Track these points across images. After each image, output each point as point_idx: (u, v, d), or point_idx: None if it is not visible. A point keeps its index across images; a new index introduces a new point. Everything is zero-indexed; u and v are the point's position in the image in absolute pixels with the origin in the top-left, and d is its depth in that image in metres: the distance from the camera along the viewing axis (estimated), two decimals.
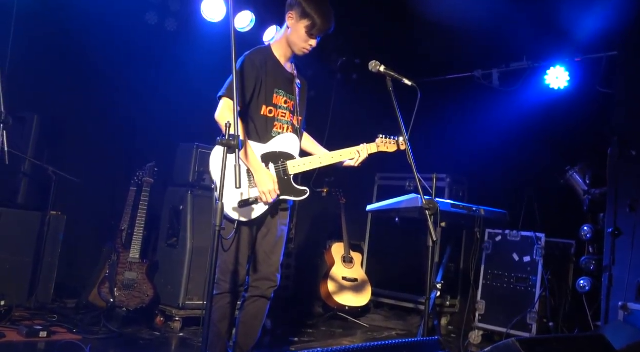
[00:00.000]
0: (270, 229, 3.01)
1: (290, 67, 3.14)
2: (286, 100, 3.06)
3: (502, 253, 5.02)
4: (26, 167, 4.50)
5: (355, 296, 5.52)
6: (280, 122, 3.03)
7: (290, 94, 3.08)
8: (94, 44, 4.83)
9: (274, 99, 3.01)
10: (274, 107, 3.01)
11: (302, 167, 3.01)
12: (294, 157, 3.02)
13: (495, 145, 5.61)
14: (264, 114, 2.98)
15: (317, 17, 2.93)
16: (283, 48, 3.07)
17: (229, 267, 2.91)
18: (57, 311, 4.37)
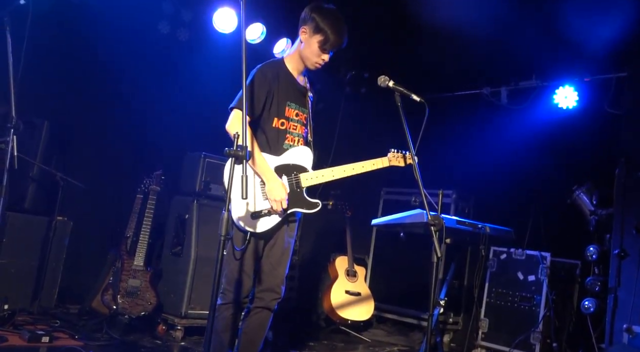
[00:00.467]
0: (277, 241, 3.01)
1: (303, 80, 3.16)
2: (298, 113, 3.08)
3: (506, 271, 5.01)
4: (34, 172, 4.51)
5: (357, 310, 5.49)
6: (291, 134, 3.05)
7: (302, 107, 3.10)
8: (105, 51, 4.87)
9: (286, 111, 3.03)
10: (286, 120, 3.03)
11: (315, 180, 3.02)
12: (307, 170, 3.03)
13: (502, 163, 5.60)
14: (276, 126, 3.00)
15: (331, 33, 2.96)
16: (296, 61, 3.10)
17: (235, 277, 2.91)
18: (60, 316, 4.36)
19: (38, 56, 4.57)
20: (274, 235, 3.00)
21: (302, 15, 3.08)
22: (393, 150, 3.17)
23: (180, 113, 5.31)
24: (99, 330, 4.10)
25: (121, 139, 5.18)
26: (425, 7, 4.88)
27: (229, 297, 2.91)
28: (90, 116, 5.04)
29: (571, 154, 5.23)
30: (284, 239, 3.03)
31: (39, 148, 4.53)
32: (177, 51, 5.42)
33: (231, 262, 2.91)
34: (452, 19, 4.88)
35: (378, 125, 6.47)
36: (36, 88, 4.57)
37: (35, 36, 4.47)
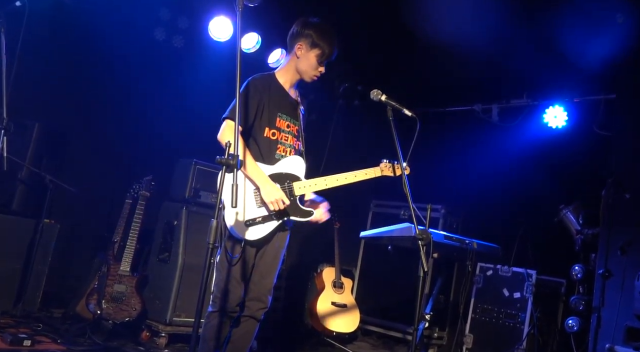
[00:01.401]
0: (267, 250, 3.02)
1: (295, 93, 3.20)
2: (289, 125, 3.11)
3: (492, 288, 5.02)
4: (23, 174, 4.48)
5: (343, 322, 5.48)
6: (283, 145, 3.08)
7: (294, 118, 3.13)
8: (100, 55, 4.89)
9: (277, 122, 3.06)
10: (277, 130, 3.06)
11: (308, 188, 3.05)
12: (300, 179, 3.05)
13: (491, 179, 5.62)
14: (267, 136, 3.03)
15: (327, 46, 3.04)
16: (289, 75, 3.14)
17: (226, 285, 2.90)
18: (43, 320, 4.33)
19: (32, 58, 4.56)
20: (265, 245, 3.00)
21: (294, 31, 3.14)
22: (385, 161, 3.19)
23: (173, 119, 5.30)
24: (82, 335, 4.07)
25: (113, 143, 5.16)
26: (421, 24, 4.94)
27: (219, 305, 2.91)
28: (83, 119, 5.04)
29: (559, 173, 5.26)
30: (274, 249, 3.04)
31: (29, 150, 4.51)
32: (172, 58, 5.43)
33: (222, 270, 2.91)
34: (446, 36, 4.92)
35: (370, 137, 6.48)
36: (29, 90, 4.55)
37: (29, 38, 4.45)
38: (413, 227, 2.93)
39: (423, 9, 4.72)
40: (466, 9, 4.69)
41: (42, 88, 4.76)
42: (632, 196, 4.35)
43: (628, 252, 4.24)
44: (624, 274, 4.22)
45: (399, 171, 3.16)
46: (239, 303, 2.96)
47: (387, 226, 4.35)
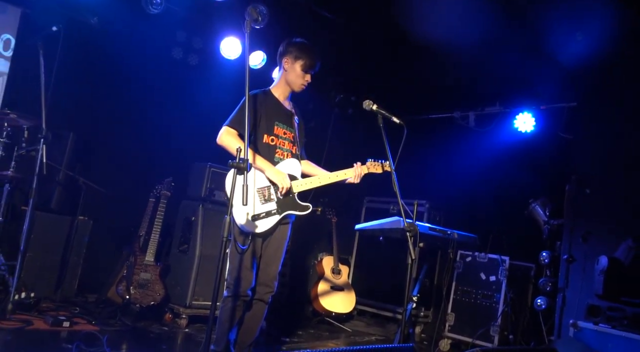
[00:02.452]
0: (271, 242, 3.06)
1: (289, 105, 3.25)
2: (285, 132, 3.16)
3: (471, 272, 5.01)
4: (60, 177, 4.53)
5: (341, 303, 5.51)
6: (281, 149, 3.13)
7: (289, 126, 3.18)
8: (125, 72, 4.92)
9: (275, 129, 3.11)
10: (275, 137, 3.11)
11: (304, 186, 3.09)
12: (296, 178, 3.09)
13: (470, 178, 5.62)
14: (267, 142, 3.08)
15: (308, 57, 3.11)
16: (281, 88, 3.20)
17: (238, 272, 2.95)
18: (79, 304, 4.38)
19: (66, 76, 4.62)
20: (269, 236, 3.04)
21: (280, 50, 3.21)
22: (371, 160, 3.25)
23: (189, 127, 5.33)
24: (113, 317, 4.11)
25: (137, 149, 5.19)
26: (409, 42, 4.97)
27: (232, 290, 2.95)
28: (111, 129, 5.07)
29: (529, 171, 5.26)
30: (277, 240, 3.07)
31: (65, 156, 4.55)
32: (187, 74, 5.47)
33: (234, 259, 2.95)
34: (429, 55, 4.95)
35: (363, 142, 6.51)
36: (64, 104, 4.60)
37: (64, 59, 4.51)
38: (402, 220, 2.97)
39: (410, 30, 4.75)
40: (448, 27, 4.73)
41: (75, 102, 4.80)
42: (591, 191, 4.39)
43: (588, 240, 4.28)
44: (585, 259, 4.25)
45: (385, 168, 3.23)
46: (250, 288, 2.99)
47: (378, 219, 4.33)
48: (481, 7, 4.32)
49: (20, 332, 3.43)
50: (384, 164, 3.22)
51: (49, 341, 3.39)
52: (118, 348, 3.46)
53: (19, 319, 3.59)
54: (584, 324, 3.57)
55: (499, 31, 4.60)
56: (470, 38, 4.68)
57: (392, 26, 4.96)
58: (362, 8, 5.03)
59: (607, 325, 3.45)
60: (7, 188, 3.94)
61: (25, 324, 3.55)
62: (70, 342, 3.32)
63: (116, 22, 4.84)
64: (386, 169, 3.21)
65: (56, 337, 3.48)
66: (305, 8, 5.06)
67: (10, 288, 3.64)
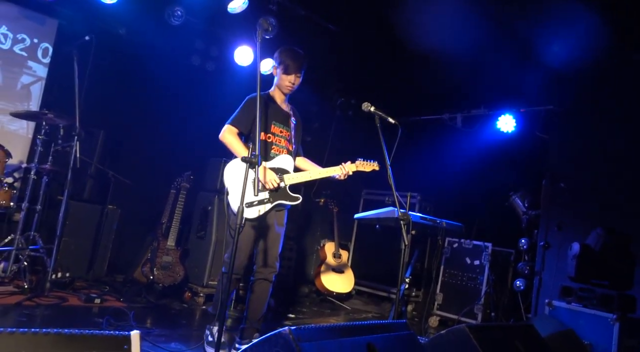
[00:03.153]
0: (270, 227, 3.10)
1: (287, 107, 3.27)
2: (282, 131, 3.19)
3: (457, 257, 5.01)
4: (92, 171, 4.55)
5: (341, 284, 5.53)
6: (277, 146, 3.15)
7: (286, 126, 3.20)
8: (148, 77, 4.92)
9: (272, 128, 3.14)
10: (272, 135, 3.14)
11: (296, 179, 3.10)
12: (289, 172, 3.12)
13: (457, 173, 5.62)
14: (264, 139, 3.11)
15: (290, 60, 3.11)
16: (277, 92, 3.24)
17: (233, 253, 2.97)
18: (109, 283, 4.40)
19: (98, 80, 4.63)
20: (265, 222, 3.06)
21: (273, 59, 3.25)
22: (360, 159, 3.26)
23: (207, 127, 5.24)
24: (138, 295, 4.14)
25: (160, 145, 5.19)
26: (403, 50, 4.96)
27: (228, 268, 2.99)
28: (137, 127, 5.08)
29: (509, 167, 5.25)
30: (275, 226, 3.10)
31: (96, 152, 4.57)
32: (205, 79, 5.47)
33: (230, 242, 2.97)
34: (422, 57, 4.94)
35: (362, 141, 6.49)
36: (95, 105, 4.61)
37: (96, 65, 4.53)
38: (396, 210, 2.96)
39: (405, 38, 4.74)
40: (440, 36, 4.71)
41: (105, 103, 4.81)
42: (565, 185, 4.39)
43: (562, 228, 4.30)
44: (560, 245, 4.26)
45: (371, 168, 3.24)
46: (244, 267, 3.05)
47: (375, 209, 4.32)
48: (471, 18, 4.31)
49: (57, 308, 3.47)
50: (372, 164, 3.23)
51: (82, 316, 3.42)
52: (143, 322, 3.48)
53: (56, 296, 3.63)
54: (558, 303, 3.59)
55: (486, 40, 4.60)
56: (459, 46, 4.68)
57: (388, 35, 4.96)
58: (360, 18, 5.03)
59: (578, 304, 3.47)
60: (45, 180, 3.97)
61: (61, 301, 3.58)
62: (101, 317, 3.35)
63: (141, 33, 4.85)
64: (374, 168, 3.22)
65: (88, 313, 3.51)
66: (309, 20, 5.06)
67: (48, 269, 3.68)
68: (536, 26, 4.31)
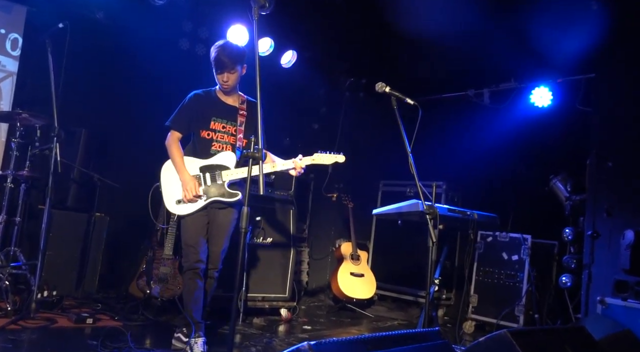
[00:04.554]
0: (211, 224, 3.39)
1: (235, 100, 3.48)
2: (224, 126, 3.41)
3: (492, 252, 5.01)
4: (75, 174, 4.56)
5: (361, 289, 5.52)
6: (218, 142, 3.39)
7: (231, 121, 3.42)
8: (132, 66, 4.90)
9: (211, 124, 3.38)
10: (212, 132, 3.39)
11: (234, 175, 3.31)
12: (228, 168, 3.33)
13: (487, 156, 5.57)
14: (203, 137, 3.38)
15: (214, 60, 3.34)
16: (219, 88, 3.48)
17: (185, 249, 3.40)
18: (101, 300, 4.41)
19: (75, 73, 4.61)
20: (205, 219, 3.36)
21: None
22: (319, 151, 3.31)
23: None
24: (135, 312, 4.14)
25: (150, 142, 5.11)
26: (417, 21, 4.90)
27: (184, 263, 3.41)
28: (122, 123, 5.05)
29: (547, 147, 5.20)
30: (219, 224, 3.37)
31: (78, 153, 4.59)
32: (195, 64, 5.42)
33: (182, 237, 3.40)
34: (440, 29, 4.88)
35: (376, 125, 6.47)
36: (74, 101, 4.60)
37: (72, 55, 4.51)
38: (420, 203, 2.95)
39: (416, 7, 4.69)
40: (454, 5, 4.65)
41: (85, 98, 4.79)
42: (613, 163, 4.32)
43: (613, 214, 4.23)
44: (610, 234, 4.20)
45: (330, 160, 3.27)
46: (197, 261, 3.33)
47: (395, 203, 4.30)
48: None
49: (46, 331, 3.47)
50: (335, 156, 3.30)
51: (73, 338, 3.42)
52: (142, 342, 3.49)
53: (43, 318, 3.63)
54: (612, 300, 3.54)
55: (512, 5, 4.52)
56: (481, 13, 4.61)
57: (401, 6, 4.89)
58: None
59: (636, 300, 3.41)
60: (24, 188, 3.97)
61: (49, 322, 3.59)
62: (94, 338, 3.35)
63: (122, 16, 4.82)
64: (337, 161, 3.30)
65: (81, 334, 3.51)
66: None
67: (32, 287, 3.68)
68: None
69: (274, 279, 4.87)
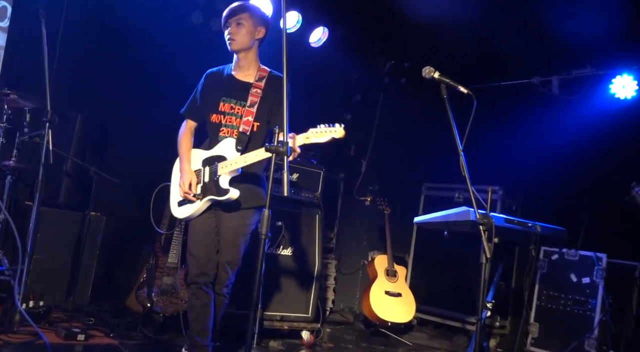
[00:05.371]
0: (219, 229, 3.35)
1: (249, 74, 3.39)
2: (233, 107, 3.35)
3: (558, 273, 4.96)
4: (68, 167, 4.61)
5: (398, 311, 5.49)
6: (227, 127, 3.34)
7: (240, 100, 3.34)
8: (138, 43, 4.95)
9: (220, 106, 3.36)
10: (221, 114, 3.36)
11: (229, 167, 3.19)
12: (226, 159, 3.23)
13: (553, 157, 5.52)
14: (213, 121, 3.38)
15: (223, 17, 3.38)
16: (235, 60, 3.44)
17: (188, 259, 3.42)
18: (94, 313, 4.46)
19: (72, 48, 4.68)
20: (212, 223, 3.33)
21: None
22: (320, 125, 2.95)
23: None
24: (133, 328, 4.15)
25: (156, 132, 5.16)
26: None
27: (188, 276, 3.39)
28: (125, 109, 5.11)
29: (629, 147, 5.11)
30: (228, 228, 3.31)
31: (73, 142, 4.63)
32: (210, 41, 5.45)
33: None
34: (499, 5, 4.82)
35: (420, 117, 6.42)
36: (70, 80, 4.67)
37: (69, 28, 4.57)
38: (472, 211, 2.92)
39: None
40: None
41: (83, 77, 4.85)
42: None
43: None
44: None
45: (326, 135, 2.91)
46: (198, 274, 3.31)
47: (440, 210, 4.30)
48: None
49: (31, 347, 3.50)
50: (331, 129, 2.90)
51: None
52: None
53: (29, 332, 3.66)
54: None
55: None
56: None
57: None
58: None
59: None
60: (9, 180, 4.03)
61: (34, 337, 3.63)
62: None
63: None
64: (333, 136, 2.89)
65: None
66: None
67: (16, 296, 3.74)
68: None
69: (295, 296, 4.87)
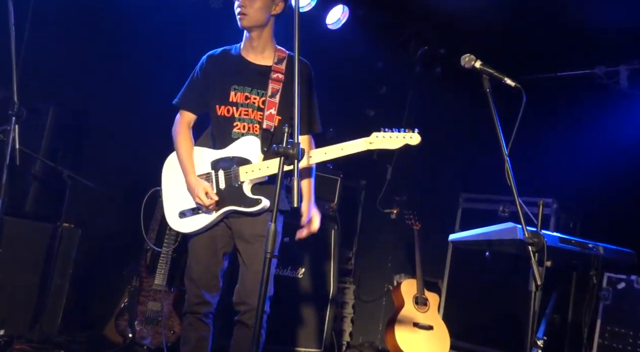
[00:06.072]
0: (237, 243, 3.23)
1: (266, 56, 3.34)
2: (248, 96, 3.26)
3: (626, 305, 4.91)
4: (37, 169, 4.59)
5: (428, 347, 5.49)
6: (242, 121, 3.24)
7: (257, 88, 3.26)
8: (125, 21, 4.96)
9: (231, 96, 3.26)
10: (233, 106, 3.26)
11: (257, 172, 3.14)
12: (250, 162, 3.16)
13: (620, 164, 5.57)
14: (222, 115, 3.27)
15: None
16: (245, 38, 3.38)
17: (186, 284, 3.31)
18: (65, 345, 4.44)
19: (44, 29, 4.69)
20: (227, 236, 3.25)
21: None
22: (384, 130, 3.10)
23: None
24: None
25: (142, 130, 5.19)
26: None
27: (185, 304, 3.28)
28: (106, 101, 5.12)
29: None
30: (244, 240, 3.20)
31: (43, 139, 4.61)
32: (209, 21, 5.46)
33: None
34: None
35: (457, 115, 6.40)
36: (41, 67, 4.67)
37: (41, 6, 4.59)
38: (520, 228, 2.91)
39: None
40: None
41: (56, 63, 4.85)
42: None
43: None
44: None
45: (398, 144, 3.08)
46: (198, 303, 3.22)
47: (481, 226, 4.30)
48: None
49: None
50: (403, 135, 3.07)
51: None
52: None
53: None
54: None
55: None
56: None
57: None
58: None
59: None
60: None
61: None
62: None
63: None
64: (407, 143, 3.08)
65: None
66: None
67: None
68: None
69: (306, 327, 4.91)
